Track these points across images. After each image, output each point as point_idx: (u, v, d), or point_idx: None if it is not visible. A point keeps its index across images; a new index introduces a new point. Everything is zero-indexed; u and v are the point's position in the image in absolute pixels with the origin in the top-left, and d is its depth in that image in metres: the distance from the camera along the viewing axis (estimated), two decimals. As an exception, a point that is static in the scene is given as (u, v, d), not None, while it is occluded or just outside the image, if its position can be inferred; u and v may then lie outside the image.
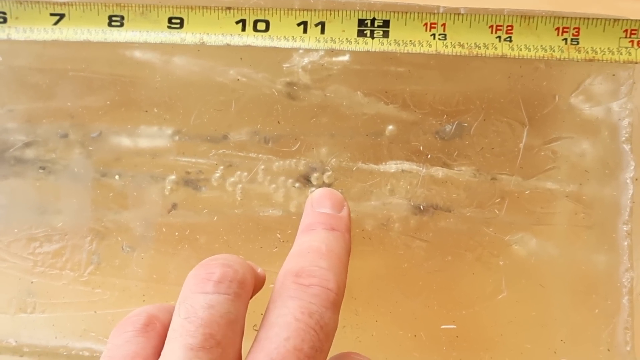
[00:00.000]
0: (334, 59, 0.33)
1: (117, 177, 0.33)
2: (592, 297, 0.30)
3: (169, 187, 0.33)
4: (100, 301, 0.32)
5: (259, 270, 0.25)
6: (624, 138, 0.31)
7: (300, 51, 0.32)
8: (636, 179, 0.30)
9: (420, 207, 0.32)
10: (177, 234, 0.32)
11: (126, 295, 0.32)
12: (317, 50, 0.32)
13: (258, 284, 0.24)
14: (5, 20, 0.33)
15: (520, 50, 0.31)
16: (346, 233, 0.27)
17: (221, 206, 0.33)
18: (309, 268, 0.23)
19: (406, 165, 0.32)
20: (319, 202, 0.29)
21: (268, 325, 0.21)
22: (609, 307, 0.30)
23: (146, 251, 0.32)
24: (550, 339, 0.30)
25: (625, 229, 0.30)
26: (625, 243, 0.30)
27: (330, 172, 0.32)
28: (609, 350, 0.30)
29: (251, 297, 0.24)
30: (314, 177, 0.33)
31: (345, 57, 0.33)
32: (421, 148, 0.32)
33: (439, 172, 0.32)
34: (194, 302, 0.21)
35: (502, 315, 0.31)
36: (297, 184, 0.33)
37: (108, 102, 0.33)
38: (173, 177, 0.33)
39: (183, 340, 0.20)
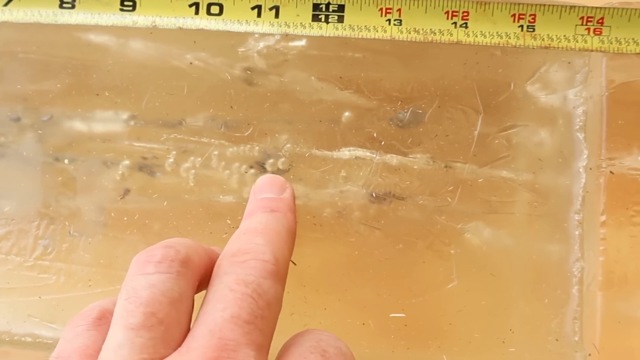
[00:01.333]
0: (290, 43, 0.32)
1: (66, 161, 0.32)
2: (543, 286, 0.30)
3: (122, 172, 0.32)
4: (45, 286, 0.32)
5: (216, 249, 0.25)
6: (577, 127, 0.30)
7: (256, 35, 0.32)
8: (590, 168, 0.30)
9: (372, 195, 0.31)
10: (125, 219, 0.32)
11: (72, 280, 0.32)
12: (273, 34, 0.32)
13: (211, 263, 0.24)
14: (-45, 0, 0.32)
15: (476, 36, 0.31)
16: (288, 212, 0.26)
17: (174, 192, 0.32)
18: (244, 246, 0.22)
19: (360, 152, 0.31)
20: (260, 189, 0.28)
21: (205, 302, 0.21)
22: (559, 297, 0.29)
23: (94, 236, 0.32)
24: (500, 328, 0.30)
25: (576, 218, 0.30)
26: (577, 232, 0.30)
27: (284, 159, 0.32)
28: (557, 340, 0.29)
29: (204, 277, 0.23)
30: (269, 163, 0.32)
31: (302, 42, 0.32)
32: (375, 135, 0.31)
33: (393, 159, 0.31)
34: (135, 283, 0.20)
35: (452, 304, 0.30)
36: (251, 170, 0.32)
37: (59, 85, 0.33)
38: (127, 162, 0.32)
39: (124, 321, 0.19)
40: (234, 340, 0.19)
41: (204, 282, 0.22)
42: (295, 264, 0.31)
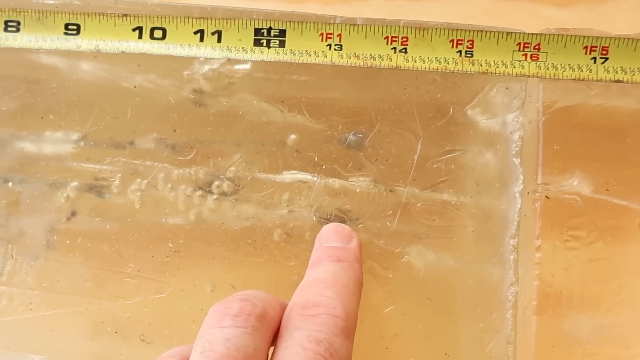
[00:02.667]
0: (236, 67, 0.32)
1: (10, 184, 0.32)
2: (478, 310, 0.30)
3: (67, 195, 0.32)
4: (-15, 310, 0.32)
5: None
6: (514, 151, 0.30)
7: (201, 59, 0.32)
8: (527, 192, 0.30)
9: (313, 218, 0.31)
10: (68, 241, 0.32)
11: (13, 303, 0.31)
12: (217, 58, 0.32)
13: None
14: None
15: (415, 62, 0.31)
16: (355, 263, 0.26)
17: (120, 214, 0.32)
18: (314, 299, 0.22)
19: (302, 176, 0.32)
20: (326, 237, 0.28)
21: (278, 359, 0.20)
22: (494, 321, 0.30)
23: (36, 259, 0.32)
24: (435, 352, 0.30)
25: (512, 242, 0.30)
26: (511, 257, 0.30)
27: (229, 182, 0.32)
28: (491, 364, 0.30)
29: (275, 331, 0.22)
30: (215, 185, 0.32)
31: (247, 65, 0.32)
32: (316, 159, 0.31)
33: (335, 182, 0.31)
34: (211, 336, 0.20)
35: (389, 329, 0.30)
36: (197, 192, 0.32)
37: (4, 108, 0.33)
38: (75, 184, 0.32)
39: None
40: None
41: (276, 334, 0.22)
42: (235, 287, 0.31)
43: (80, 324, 0.31)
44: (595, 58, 0.30)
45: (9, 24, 0.32)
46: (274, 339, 0.22)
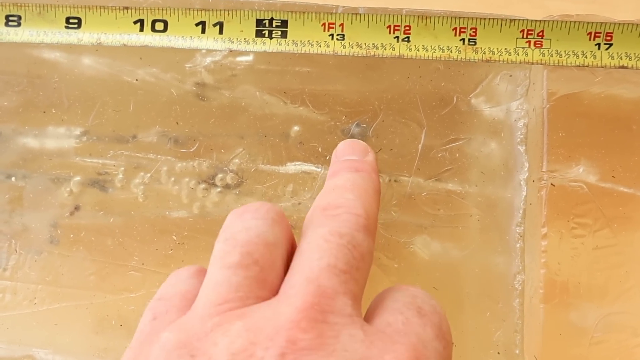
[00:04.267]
0: (238, 58, 0.32)
1: (13, 179, 0.32)
2: (485, 299, 0.29)
3: (70, 189, 0.32)
4: (-11, 305, 0.32)
5: None
6: (519, 139, 0.30)
7: (203, 51, 0.32)
8: (533, 181, 0.30)
9: (317, 209, 0.31)
10: (72, 236, 0.31)
11: (17, 298, 0.31)
12: (219, 49, 0.32)
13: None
14: None
15: (418, 50, 0.31)
16: (372, 173, 0.25)
17: (124, 207, 0.32)
18: (335, 201, 0.22)
19: (305, 167, 0.31)
20: (342, 152, 0.27)
21: (299, 253, 0.21)
22: (500, 310, 0.29)
23: (40, 254, 0.32)
24: (442, 342, 0.29)
25: (518, 230, 0.30)
26: (518, 245, 0.29)
27: (233, 174, 0.32)
28: (498, 353, 0.29)
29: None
30: (218, 178, 0.32)
31: (249, 57, 0.32)
32: (320, 149, 0.31)
33: (339, 173, 0.31)
34: (232, 228, 0.21)
35: (394, 319, 0.30)
36: (201, 185, 0.32)
37: (6, 103, 0.32)
38: (78, 178, 0.32)
39: (221, 262, 0.20)
40: (332, 288, 0.19)
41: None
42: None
43: (85, 318, 0.31)
44: (599, 44, 0.29)
45: (10, 18, 0.32)
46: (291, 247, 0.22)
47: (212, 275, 0.20)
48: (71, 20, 0.32)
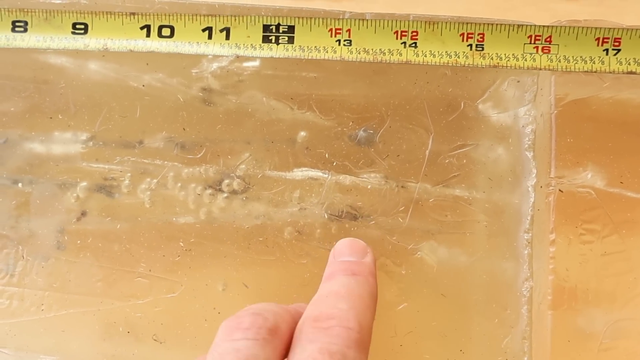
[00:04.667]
0: (244, 64, 0.32)
1: (20, 185, 0.32)
2: (493, 306, 0.29)
3: (77, 195, 0.32)
4: (-3, 311, 0.31)
5: (299, 308, 0.24)
6: (526, 145, 0.30)
7: (209, 56, 0.32)
8: (541, 186, 0.30)
9: (324, 215, 0.31)
10: (79, 242, 0.31)
11: (25, 304, 0.31)
12: (226, 55, 0.32)
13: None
14: None
15: (425, 56, 0.30)
16: (370, 277, 0.25)
17: (130, 213, 0.32)
18: (327, 311, 0.22)
19: (312, 173, 0.31)
20: (340, 252, 0.27)
21: None
22: (508, 316, 0.29)
23: (47, 260, 0.32)
24: (450, 349, 0.29)
25: (525, 237, 0.29)
26: (526, 252, 0.29)
27: (239, 180, 0.32)
28: (507, 360, 0.29)
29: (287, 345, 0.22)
30: (225, 183, 0.32)
31: (256, 63, 0.32)
32: (327, 155, 0.31)
33: (346, 179, 0.31)
34: (221, 349, 0.20)
35: (402, 326, 0.30)
36: (207, 191, 0.32)
37: (12, 109, 0.32)
38: (84, 184, 0.32)
39: None
40: None
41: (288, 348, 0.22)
42: (247, 286, 0.31)
43: (92, 324, 0.31)
44: (607, 50, 0.29)
45: (17, 24, 0.32)
46: (286, 353, 0.22)
47: None
48: (78, 26, 0.32)
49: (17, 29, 0.32)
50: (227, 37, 0.31)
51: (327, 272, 0.26)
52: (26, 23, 0.32)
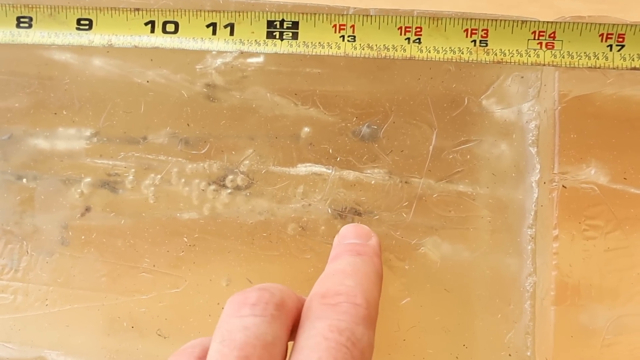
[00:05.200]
0: (248, 60, 0.32)
1: (24, 180, 0.32)
2: (496, 301, 0.29)
3: (81, 191, 0.32)
4: (1, 306, 0.31)
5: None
6: (530, 141, 0.30)
7: (213, 52, 0.32)
8: (544, 182, 0.30)
9: (328, 211, 0.31)
10: (83, 237, 0.32)
11: (29, 299, 0.31)
12: (230, 51, 0.32)
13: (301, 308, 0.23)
14: None
15: (429, 52, 0.30)
16: (375, 257, 0.26)
17: (134, 209, 0.32)
18: (334, 287, 0.22)
19: (316, 168, 0.31)
20: (345, 236, 0.28)
21: (298, 350, 0.20)
22: (512, 311, 0.29)
23: (51, 255, 0.32)
24: (453, 343, 0.29)
25: (529, 232, 0.30)
26: (529, 247, 0.29)
27: (244, 176, 0.32)
28: (510, 355, 0.29)
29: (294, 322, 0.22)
30: (228, 179, 0.32)
31: (260, 59, 0.32)
32: (331, 151, 0.31)
33: (350, 175, 0.31)
34: (230, 325, 0.20)
35: (406, 320, 0.30)
36: (211, 187, 0.32)
37: (17, 105, 0.32)
38: (89, 179, 0.32)
39: None
40: None
41: (295, 325, 0.22)
42: (251, 281, 0.31)
43: (97, 319, 0.31)
44: (611, 46, 0.29)
45: (22, 20, 0.32)
46: (293, 330, 0.22)
47: None
48: (82, 22, 0.32)
49: (21, 24, 0.32)
50: (231, 33, 0.31)
51: (332, 254, 0.27)
52: (31, 19, 0.32)
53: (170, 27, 0.31)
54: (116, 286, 0.31)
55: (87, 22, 0.32)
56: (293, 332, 0.22)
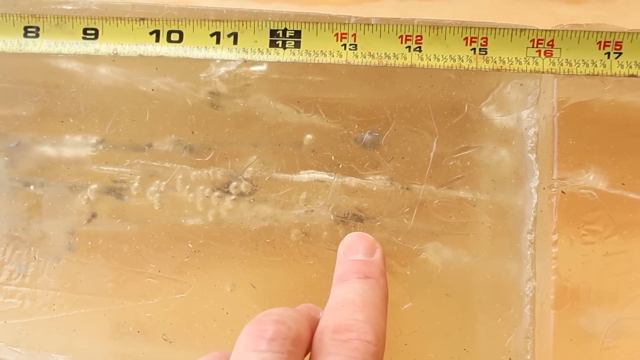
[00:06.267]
0: (252, 68, 0.32)
1: (32, 187, 0.33)
2: (496, 306, 0.30)
3: (87, 197, 0.33)
4: (10, 311, 0.32)
5: (311, 308, 0.26)
6: (529, 147, 0.30)
7: (217, 61, 0.32)
8: (543, 188, 0.30)
9: (330, 217, 0.31)
10: (89, 243, 0.32)
11: (37, 304, 0.32)
12: (234, 59, 0.32)
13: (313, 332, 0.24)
14: None
15: (430, 60, 0.31)
16: (381, 278, 0.26)
17: (140, 215, 0.32)
18: (345, 323, 0.23)
19: (318, 175, 0.32)
20: (349, 248, 0.28)
21: None
22: (512, 316, 0.30)
23: (58, 261, 0.32)
24: (454, 348, 0.30)
25: (529, 238, 0.30)
26: (529, 252, 0.30)
27: (247, 182, 0.32)
28: (510, 359, 0.29)
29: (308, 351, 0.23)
30: (233, 186, 0.32)
31: (263, 67, 0.32)
32: (333, 158, 0.32)
33: (352, 181, 0.32)
34: (247, 358, 0.21)
35: (407, 325, 0.30)
36: (216, 193, 0.32)
37: (24, 113, 0.33)
38: (95, 186, 0.33)
39: None
40: None
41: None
42: (255, 287, 0.31)
43: (103, 324, 0.32)
44: (609, 53, 0.30)
45: (29, 29, 0.32)
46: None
47: None
48: (88, 31, 0.32)
49: (29, 34, 0.32)
50: (235, 42, 0.32)
51: (338, 271, 0.27)
52: (38, 29, 0.32)
53: (174, 37, 0.32)
54: (122, 291, 0.32)
55: (93, 32, 0.32)
56: None
